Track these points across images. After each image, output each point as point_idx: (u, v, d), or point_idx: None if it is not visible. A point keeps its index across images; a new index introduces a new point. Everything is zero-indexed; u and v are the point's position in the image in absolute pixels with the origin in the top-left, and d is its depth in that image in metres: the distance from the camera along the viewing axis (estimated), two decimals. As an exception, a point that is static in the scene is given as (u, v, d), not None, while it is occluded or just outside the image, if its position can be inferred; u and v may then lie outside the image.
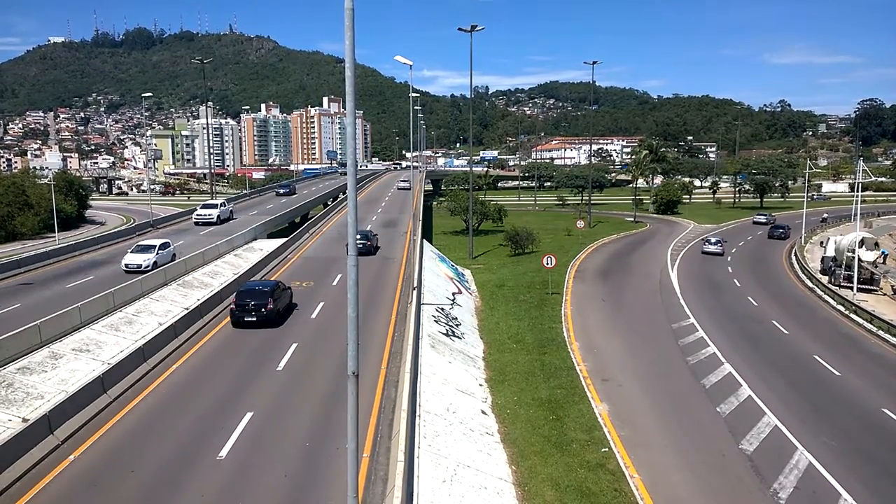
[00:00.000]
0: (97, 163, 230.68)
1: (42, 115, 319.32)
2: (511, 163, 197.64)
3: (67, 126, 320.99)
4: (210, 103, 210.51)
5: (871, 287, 42.24)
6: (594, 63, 73.12)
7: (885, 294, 41.69)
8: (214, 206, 53.89)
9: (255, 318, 25.04)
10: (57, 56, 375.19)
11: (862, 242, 42.80)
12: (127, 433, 16.50)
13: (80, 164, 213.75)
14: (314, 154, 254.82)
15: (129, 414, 17.62)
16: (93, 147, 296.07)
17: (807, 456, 17.83)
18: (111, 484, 14.13)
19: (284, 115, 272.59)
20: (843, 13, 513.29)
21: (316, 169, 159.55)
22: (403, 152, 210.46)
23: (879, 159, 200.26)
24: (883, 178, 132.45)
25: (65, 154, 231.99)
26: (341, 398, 16.91)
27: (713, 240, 56.87)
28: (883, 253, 49.43)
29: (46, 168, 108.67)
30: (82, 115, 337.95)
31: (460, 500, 13.87)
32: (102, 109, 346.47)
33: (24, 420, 16.47)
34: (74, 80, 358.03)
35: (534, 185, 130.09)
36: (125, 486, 14.04)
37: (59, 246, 42.19)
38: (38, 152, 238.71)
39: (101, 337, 23.60)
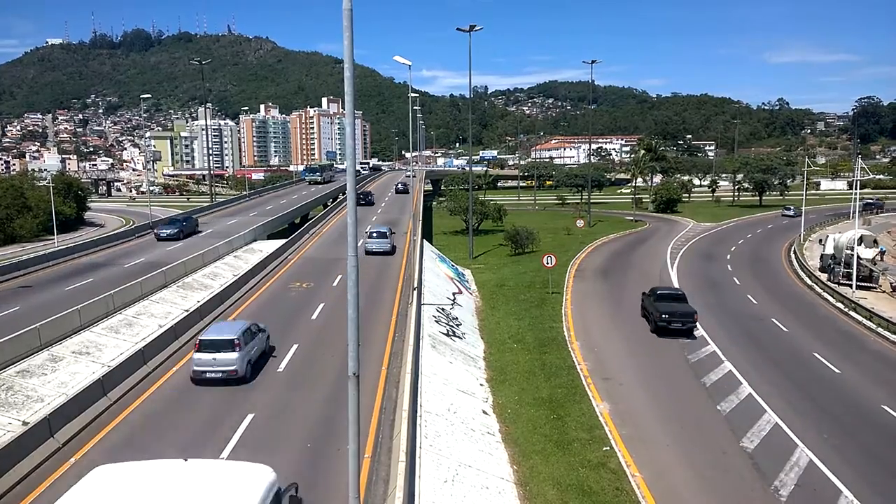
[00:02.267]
0: (96, 164, 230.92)
1: (40, 117, 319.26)
2: (510, 162, 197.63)
3: (66, 128, 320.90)
4: (209, 104, 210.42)
5: (870, 284, 42.23)
6: (593, 62, 73.15)
7: (883, 291, 41.69)
8: None
9: (363, 202, 59.91)
10: (55, 58, 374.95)
11: (861, 240, 42.78)
12: (127, 436, 16.50)
13: (78, 166, 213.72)
14: (314, 155, 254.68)
15: (129, 416, 17.62)
16: (91, 149, 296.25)
17: (807, 453, 17.84)
18: (112, 486, 14.10)
19: (283, 115, 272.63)
20: (841, 12, 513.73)
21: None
22: (403, 152, 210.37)
23: (878, 157, 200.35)
24: (881, 176, 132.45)
25: (63, 156, 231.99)
26: (342, 399, 16.88)
27: (790, 207, 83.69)
28: (881, 250, 49.40)
29: (45, 170, 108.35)
30: (81, 116, 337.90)
31: (462, 500, 13.88)
32: (101, 111, 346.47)
33: (25, 423, 16.48)
34: (72, 81, 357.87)
35: (534, 184, 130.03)
36: (126, 488, 14.01)
37: (59, 248, 42.20)
38: (36, 154, 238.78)
39: (100, 339, 23.60)
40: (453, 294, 35.01)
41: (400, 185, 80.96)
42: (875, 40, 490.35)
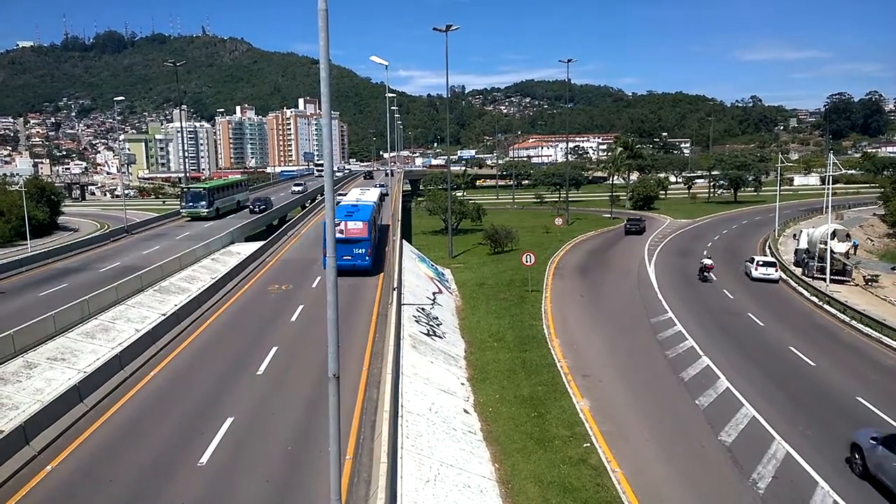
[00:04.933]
0: (69, 168, 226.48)
1: (11, 120, 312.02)
2: (489, 161, 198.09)
3: (38, 131, 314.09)
4: (184, 106, 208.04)
5: (844, 278, 42.98)
6: (569, 61, 73.43)
7: (856, 284, 42.47)
8: None
9: (369, 178, 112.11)
10: (26, 61, 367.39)
11: (834, 234, 43.49)
12: (105, 442, 16.27)
13: (51, 170, 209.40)
14: (291, 156, 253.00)
15: (106, 422, 17.37)
16: (64, 152, 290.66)
17: (784, 446, 18.12)
18: (89, 494, 13.93)
19: (260, 117, 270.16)
20: (811, 8, 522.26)
21: (293, 171, 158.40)
22: (381, 152, 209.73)
23: (849, 152, 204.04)
24: (853, 171, 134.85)
25: (36, 160, 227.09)
26: (323, 401, 16.81)
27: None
28: (854, 244, 50.33)
29: (17, 174, 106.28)
30: (53, 120, 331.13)
31: (444, 500, 13.90)
32: (74, 114, 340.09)
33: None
34: (44, 84, 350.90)
35: (512, 183, 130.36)
36: (104, 495, 13.85)
37: (32, 254, 41.39)
38: (7, 159, 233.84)
39: (76, 345, 23.25)
40: (433, 294, 35.01)
41: (387, 171, 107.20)
42: (842, 37, 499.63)
